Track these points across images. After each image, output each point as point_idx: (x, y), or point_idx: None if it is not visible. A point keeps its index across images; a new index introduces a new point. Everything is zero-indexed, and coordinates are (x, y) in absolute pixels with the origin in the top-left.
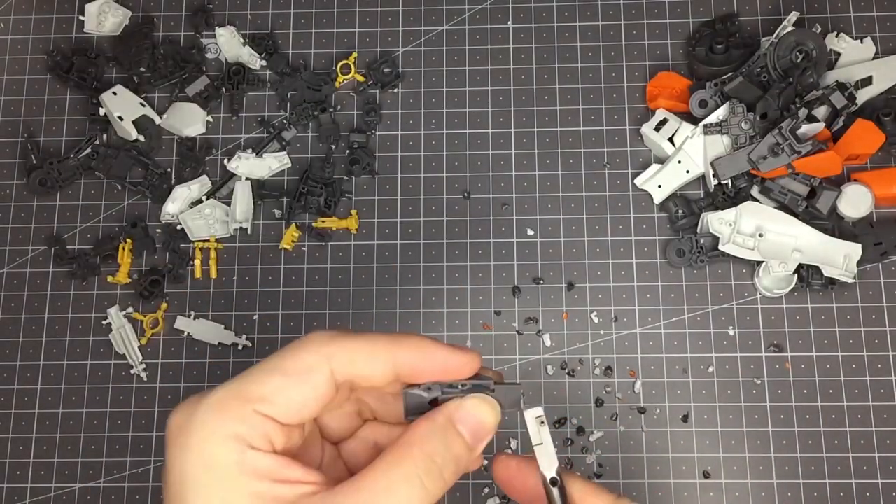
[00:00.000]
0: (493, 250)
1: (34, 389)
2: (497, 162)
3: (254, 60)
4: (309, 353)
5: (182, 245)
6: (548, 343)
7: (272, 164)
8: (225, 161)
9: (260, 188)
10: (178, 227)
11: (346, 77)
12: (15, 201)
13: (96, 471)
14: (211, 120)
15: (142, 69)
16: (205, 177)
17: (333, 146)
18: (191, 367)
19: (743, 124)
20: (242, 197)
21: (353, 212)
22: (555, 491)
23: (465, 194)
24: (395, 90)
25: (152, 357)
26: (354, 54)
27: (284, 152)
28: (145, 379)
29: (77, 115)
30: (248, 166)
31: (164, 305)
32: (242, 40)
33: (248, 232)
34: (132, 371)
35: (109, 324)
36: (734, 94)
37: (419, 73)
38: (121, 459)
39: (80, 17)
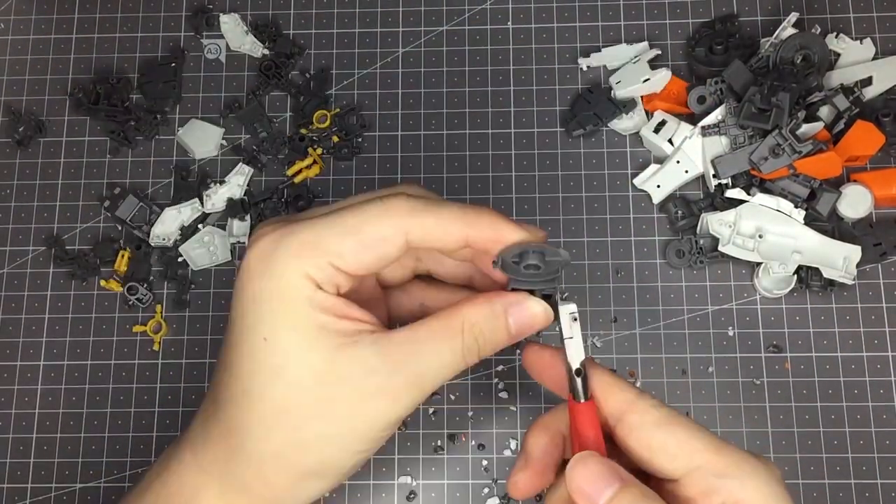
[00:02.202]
0: None
1: (34, 390)
2: (497, 162)
3: (256, 49)
4: (388, 225)
5: (180, 271)
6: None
7: (239, 180)
8: (204, 197)
9: (245, 203)
10: (169, 248)
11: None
12: (15, 201)
13: (97, 471)
14: (225, 143)
15: (166, 109)
16: (196, 200)
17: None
18: (191, 367)
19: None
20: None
21: None
22: (578, 381)
23: (465, 195)
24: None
25: (152, 357)
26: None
27: (241, 164)
28: None
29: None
30: (221, 196)
31: (159, 308)
32: (246, 28)
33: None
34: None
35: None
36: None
37: (419, 74)
38: (121, 459)
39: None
